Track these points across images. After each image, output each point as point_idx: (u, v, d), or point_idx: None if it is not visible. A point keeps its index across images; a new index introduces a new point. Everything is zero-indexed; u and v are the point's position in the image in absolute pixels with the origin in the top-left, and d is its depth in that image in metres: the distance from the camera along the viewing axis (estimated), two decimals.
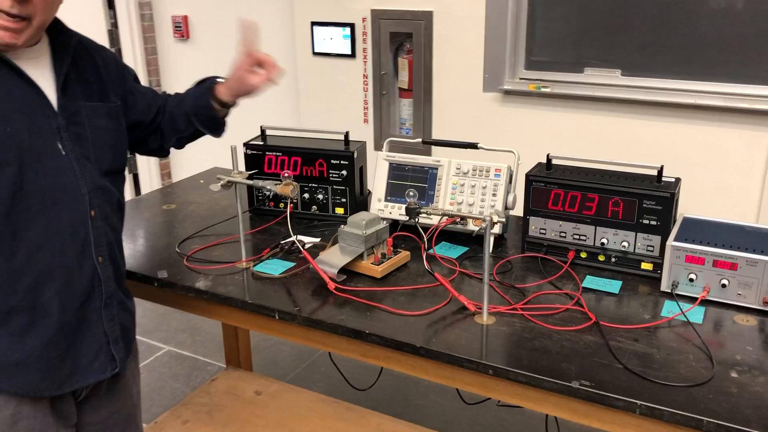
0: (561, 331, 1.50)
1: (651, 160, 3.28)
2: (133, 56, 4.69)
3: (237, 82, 1.67)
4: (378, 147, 3.85)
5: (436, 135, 3.67)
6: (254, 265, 1.81)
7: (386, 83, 3.71)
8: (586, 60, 3.31)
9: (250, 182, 1.73)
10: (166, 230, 2.09)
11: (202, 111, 1.72)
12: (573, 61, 3.34)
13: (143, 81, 4.74)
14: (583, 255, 1.79)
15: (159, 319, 3.65)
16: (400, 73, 3.69)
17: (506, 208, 1.90)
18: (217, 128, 1.76)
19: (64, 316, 1.40)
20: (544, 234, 1.82)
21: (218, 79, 1.73)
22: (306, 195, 2.11)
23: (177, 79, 4.75)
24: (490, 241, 1.48)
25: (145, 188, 4.81)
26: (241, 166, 1.97)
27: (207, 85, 1.73)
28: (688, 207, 1.86)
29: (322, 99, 3.93)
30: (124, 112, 1.60)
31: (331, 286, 1.66)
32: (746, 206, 3.07)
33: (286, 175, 1.64)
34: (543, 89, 3.34)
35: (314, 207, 2.11)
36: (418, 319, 1.56)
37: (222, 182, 1.73)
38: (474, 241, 1.95)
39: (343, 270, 1.71)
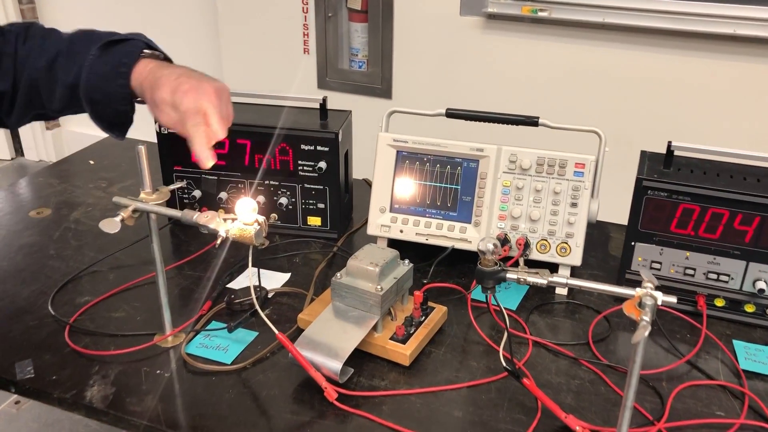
0: None
1: (685, 112, 2.61)
2: None
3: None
4: (322, 85, 3.06)
5: (398, 72, 2.90)
6: (186, 344, 1.06)
7: (332, 3, 2.90)
8: None
9: (177, 214, 0.95)
10: (32, 264, 1.29)
11: (108, 100, 0.99)
12: None
13: None
14: (719, 303, 1.14)
15: None
16: None
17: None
18: (120, 126, 1.02)
19: None
20: (659, 270, 1.14)
21: (144, 51, 1.00)
22: (262, 198, 1.34)
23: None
24: (640, 350, 0.78)
25: (28, 144, 3.81)
26: (153, 172, 1.19)
27: (122, 59, 0.98)
28: None
29: (248, 23, 3.07)
30: None
31: (332, 395, 0.94)
32: None
33: (246, 203, 0.86)
34: (540, 13, 2.61)
35: (275, 216, 1.35)
36: None
37: (121, 214, 0.95)
38: None
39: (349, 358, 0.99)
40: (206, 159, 1.00)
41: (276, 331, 0.96)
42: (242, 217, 0.89)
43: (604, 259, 1.31)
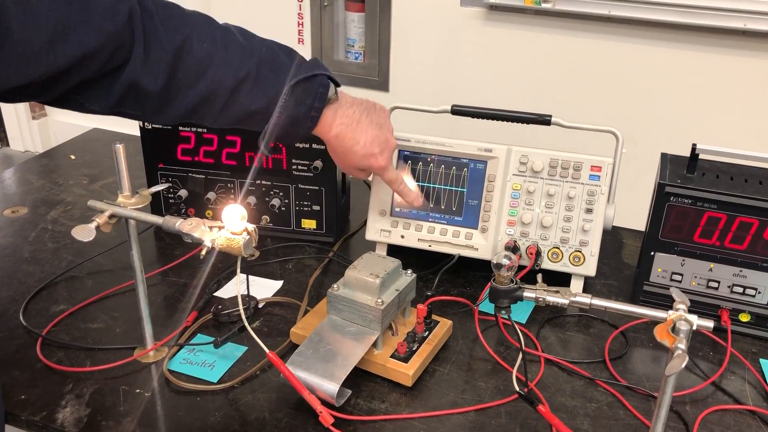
0: None
1: (694, 110, 2.48)
2: None
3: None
4: None
5: (395, 64, 2.81)
6: (169, 359, 0.98)
7: None
8: None
9: (159, 221, 0.86)
10: (4, 268, 1.20)
11: (289, 136, 0.97)
12: None
13: None
14: (744, 318, 1.06)
15: None
16: None
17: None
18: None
19: None
20: (679, 282, 1.07)
21: (331, 93, 0.97)
22: (253, 199, 1.25)
23: None
24: (672, 382, 0.70)
25: (14, 133, 3.69)
26: (136, 169, 1.11)
27: (314, 103, 0.95)
28: None
29: (238, 10, 2.97)
30: None
31: (328, 419, 0.86)
32: None
33: (234, 210, 0.78)
34: (543, 4, 2.52)
35: (266, 218, 1.27)
36: None
37: (96, 220, 0.86)
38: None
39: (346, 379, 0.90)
40: (418, 197, 1.12)
41: (267, 350, 0.88)
42: (230, 225, 0.80)
43: (617, 268, 1.23)
